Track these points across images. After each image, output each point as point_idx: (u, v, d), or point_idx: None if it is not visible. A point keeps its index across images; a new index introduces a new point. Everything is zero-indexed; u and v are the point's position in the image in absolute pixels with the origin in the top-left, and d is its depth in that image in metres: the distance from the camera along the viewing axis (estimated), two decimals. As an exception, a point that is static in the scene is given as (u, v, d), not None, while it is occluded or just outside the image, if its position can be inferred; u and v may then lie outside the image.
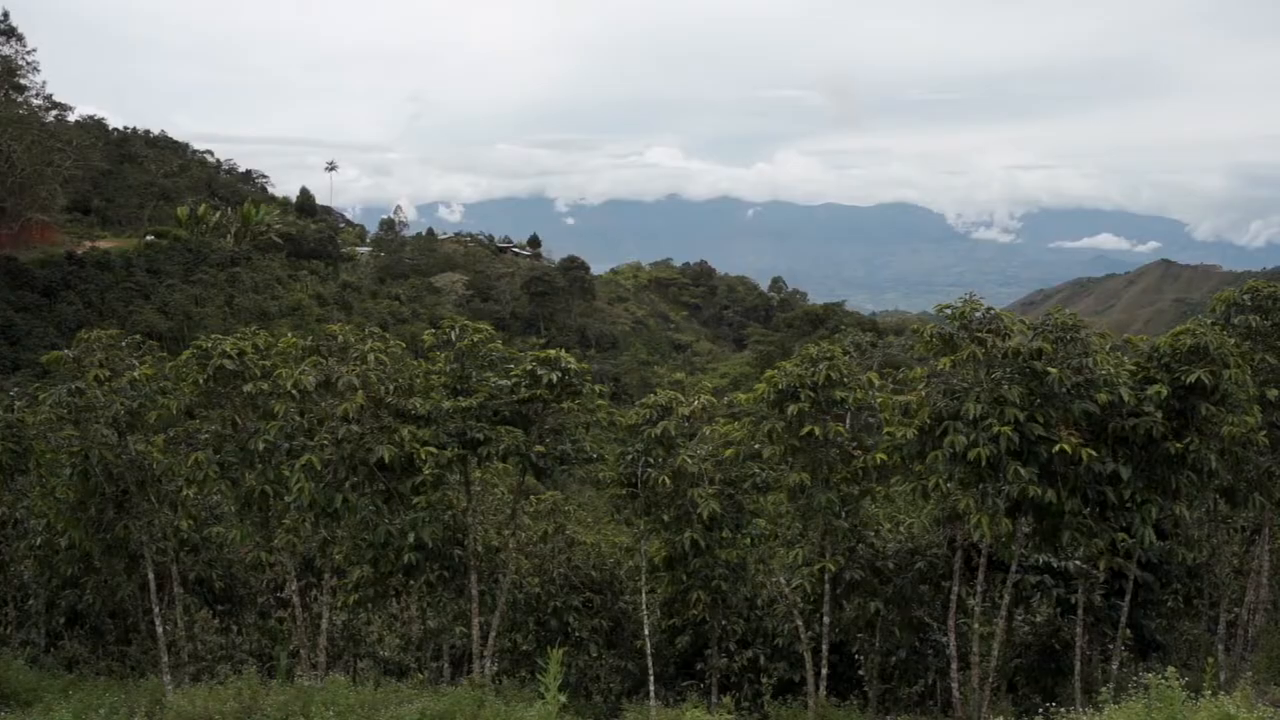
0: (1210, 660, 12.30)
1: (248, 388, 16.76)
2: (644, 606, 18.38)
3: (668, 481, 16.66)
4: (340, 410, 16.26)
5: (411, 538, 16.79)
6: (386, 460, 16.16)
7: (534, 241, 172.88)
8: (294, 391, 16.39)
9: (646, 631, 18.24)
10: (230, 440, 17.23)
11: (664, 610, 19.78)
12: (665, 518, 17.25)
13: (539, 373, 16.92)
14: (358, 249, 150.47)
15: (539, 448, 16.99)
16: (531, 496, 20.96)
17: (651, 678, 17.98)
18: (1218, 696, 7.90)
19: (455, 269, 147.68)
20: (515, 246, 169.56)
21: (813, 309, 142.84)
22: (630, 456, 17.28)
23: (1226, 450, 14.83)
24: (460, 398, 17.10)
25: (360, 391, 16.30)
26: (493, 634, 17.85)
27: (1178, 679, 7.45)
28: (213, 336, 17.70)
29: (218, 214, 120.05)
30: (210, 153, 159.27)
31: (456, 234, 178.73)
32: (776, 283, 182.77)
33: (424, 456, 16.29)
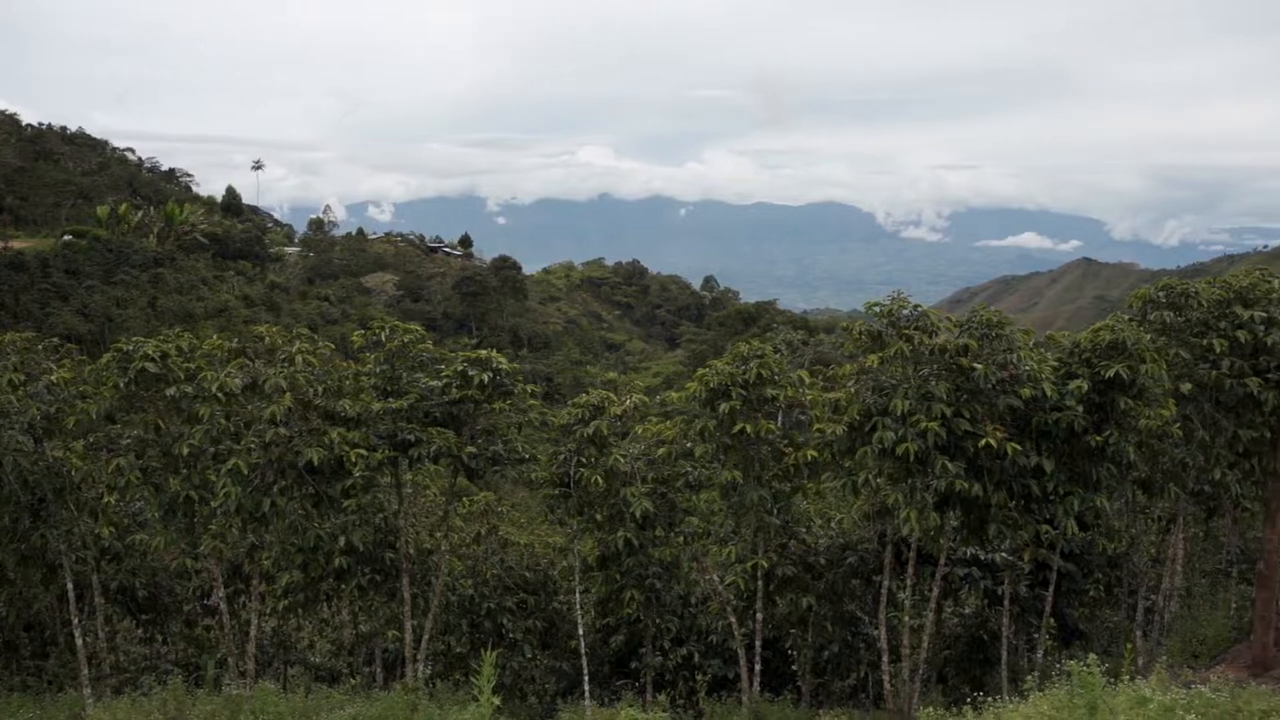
0: (1129, 646, 12.65)
1: (171, 391, 16.40)
2: (578, 606, 18.36)
3: (600, 481, 16.66)
4: (268, 413, 15.98)
5: (342, 541, 16.59)
6: (315, 463, 15.92)
7: (465, 241, 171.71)
8: (219, 394, 16.08)
9: (581, 631, 18.23)
10: (153, 445, 16.85)
11: (598, 610, 19.78)
12: (598, 517, 17.25)
13: (470, 373, 16.80)
14: (286, 249, 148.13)
15: (470, 449, 16.88)
16: (464, 498, 20.82)
17: (586, 677, 17.97)
18: (1135, 681, 8.12)
19: (386, 269, 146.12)
20: (446, 246, 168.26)
21: (745, 307, 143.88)
22: (563, 456, 17.25)
23: (1144, 443, 15.22)
24: (391, 399, 16.92)
25: (288, 394, 16.04)
26: (425, 637, 17.69)
27: (1098, 665, 7.65)
28: (134, 339, 17.26)
29: (139, 213, 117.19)
30: (131, 150, 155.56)
31: (387, 234, 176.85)
32: (709, 282, 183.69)
33: (354, 459, 16.08)
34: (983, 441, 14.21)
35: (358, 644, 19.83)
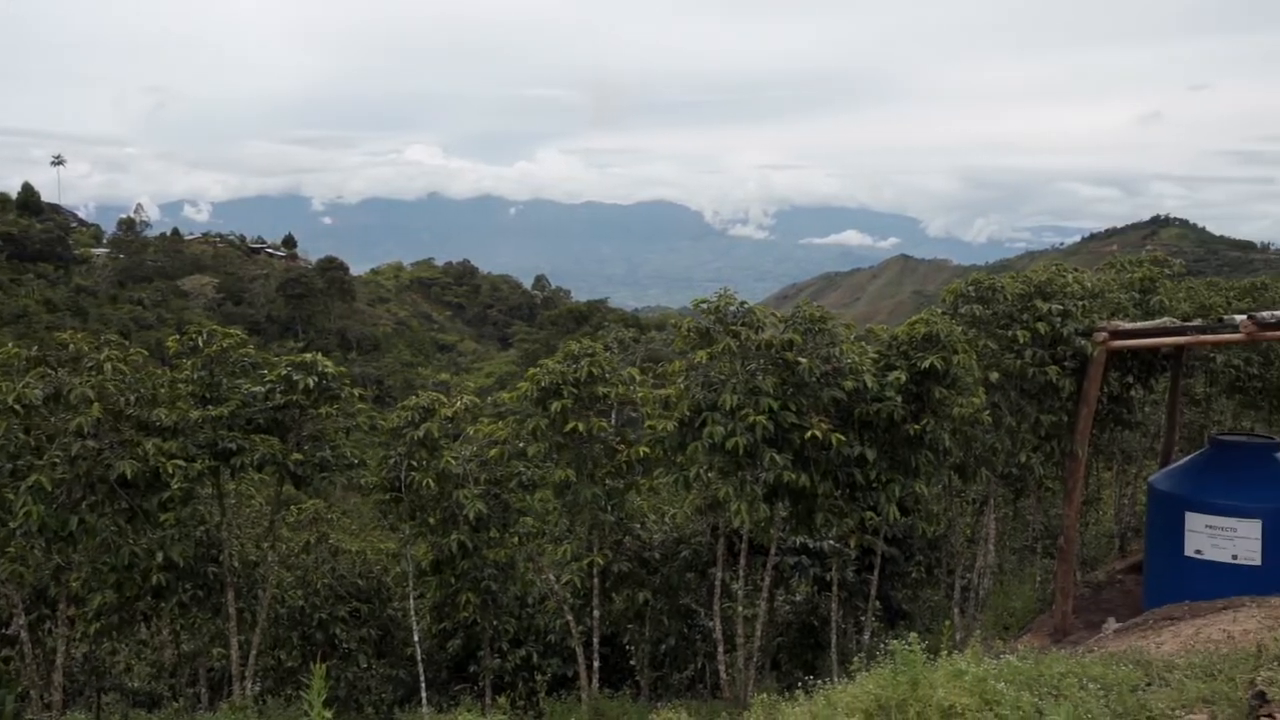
0: (947, 623, 13.26)
1: (-40, 405, 15.21)
2: (413, 612, 18.04)
3: (432, 484, 16.40)
4: (73, 425, 15.02)
5: (160, 557, 15.77)
6: (129, 476, 15.07)
7: (289, 242, 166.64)
8: (17, 407, 15.01)
9: (417, 638, 17.91)
10: (-61, 465, 15.58)
11: (434, 615, 19.48)
12: (431, 521, 16.98)
13: (294, 378, 16.28)
14: (93, 251, 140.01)
15: (297, 455, 16.34)
16: (292, 506, 20.15)
17: (423, 684, 17.68)
18: (953, 655, 8.53)
19: (204, 271, 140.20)
20: (269, 247, 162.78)
21: (576, 306, 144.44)
22: (393, 460, 16.91)
23: (958, 430, 15.96)
24: (210, 407, 16.21)
25: (96, 404, 15.12)
26: (253, 652, 17.03)
27: (919, 643, 7.99)
28: (-87, 349, 15.93)
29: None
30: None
31: (205, 234, 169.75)
32: (540, 281, 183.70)
33: (171, 470, 15.28)
34: (808, 433, 14.60)
35: (180, 664, 18.91)
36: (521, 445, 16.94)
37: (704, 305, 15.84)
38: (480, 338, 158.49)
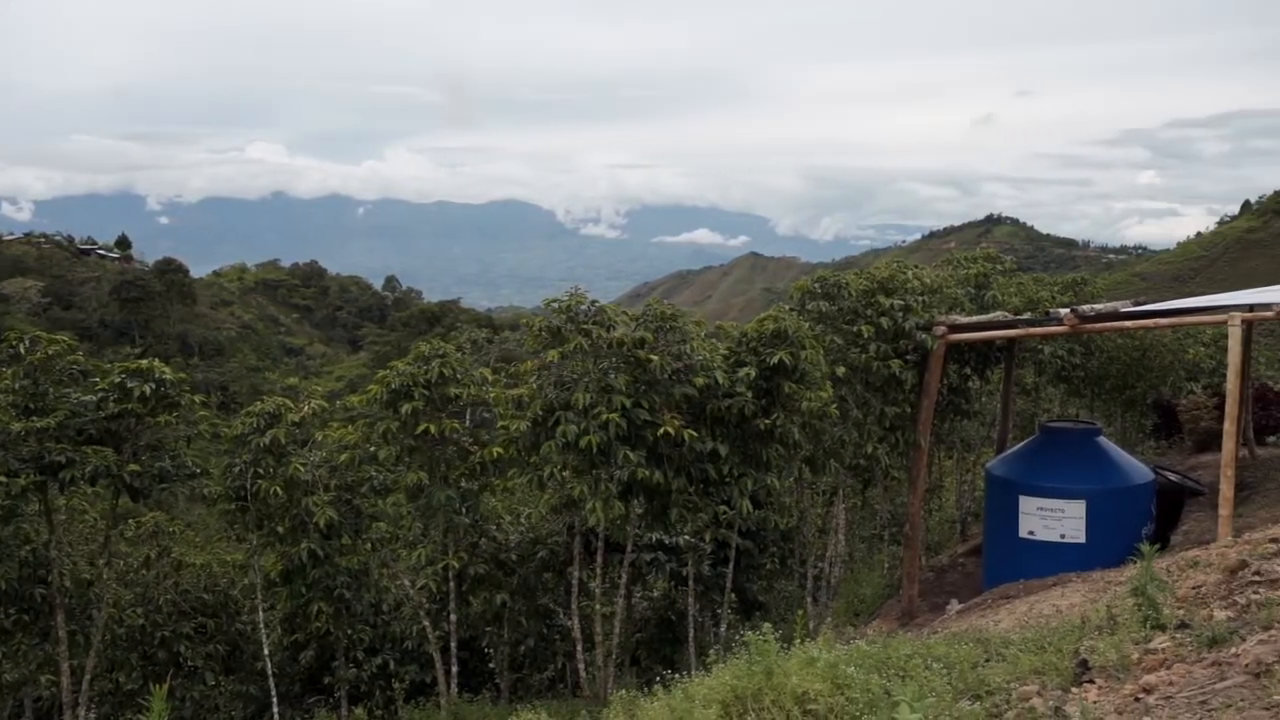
0: (801, 612, 13.58)
1: None
2: (262, 625, 17.46)
3: (280, 492, 15.90)
4: (-124, 441, 13.99)
5: (-21, 581, 14.83)
6: (-59, 495, 14.12)
7: (123, 242, 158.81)
8: None
9: (267, 651, 17.34)
10: None
11: (285, 626, 18.90)
12: (280, 530, 16.45)
13: (129, 385, 15.54)
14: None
15: (133, 466, 15.59)
16: (130, 520, 19.24)
17: (275, 699, 17.14)
18: (806, 643, 8.74)
19: (27, 274, 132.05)
20: (101, 248, 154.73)
21: (428, 307, 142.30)
22: (238, 469, 16.33)
23: (807, 423, 16.34)
24: (35, 418, 15.31)
25: (-96, 418, 14.12)
26: (87, 677, 16.17)
27: (773, 633, 8.14)
28: None
29: None
30: None
31: (27, 234, 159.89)
32: (391, 282, 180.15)
33: (-10, 487, 14.39)
34: (661, 430, 14.72)
35: (2, 696, 17.78)
36: (372, 449, 16.58)
37: (555, 304, 15.80)
38: (330, 340, 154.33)
